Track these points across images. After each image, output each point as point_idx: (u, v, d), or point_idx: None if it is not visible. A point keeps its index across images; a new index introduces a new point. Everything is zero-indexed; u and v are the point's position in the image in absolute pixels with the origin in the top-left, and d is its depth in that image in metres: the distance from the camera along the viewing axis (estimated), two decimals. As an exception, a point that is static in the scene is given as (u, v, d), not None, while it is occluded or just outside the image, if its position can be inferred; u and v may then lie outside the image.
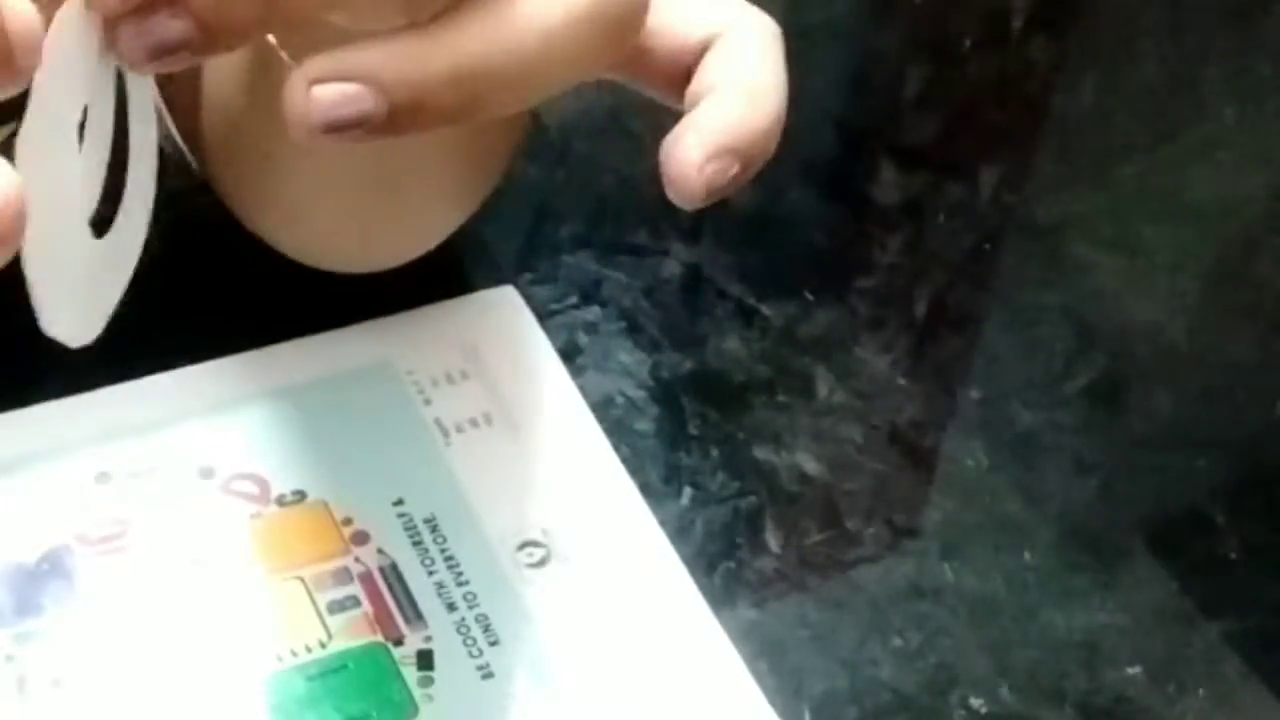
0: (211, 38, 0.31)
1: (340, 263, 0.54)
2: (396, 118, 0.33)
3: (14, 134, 0.44)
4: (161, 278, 0.59)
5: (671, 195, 0.39)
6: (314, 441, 0.53)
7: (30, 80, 0.30)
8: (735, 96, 0.40)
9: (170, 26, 0.31)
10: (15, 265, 0.32)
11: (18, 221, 0.30)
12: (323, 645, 0.48)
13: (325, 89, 0.32)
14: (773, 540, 0.55)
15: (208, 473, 0.52)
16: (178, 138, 0.76)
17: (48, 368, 0.53)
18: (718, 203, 0.40)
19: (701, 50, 0.42)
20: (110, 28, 0.31)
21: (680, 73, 0.43)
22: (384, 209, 0.50)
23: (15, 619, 0.48)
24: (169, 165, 0.75)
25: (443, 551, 0.51)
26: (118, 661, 0.48)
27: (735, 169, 0.39)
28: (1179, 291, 0.66)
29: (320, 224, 0.52)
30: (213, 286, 0.58)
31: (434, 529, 0.51)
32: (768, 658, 0.51)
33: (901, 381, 0.60)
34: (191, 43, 0.31)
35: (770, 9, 0.45)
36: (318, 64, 0.32)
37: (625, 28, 0.35)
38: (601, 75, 0.39)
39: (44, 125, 0.31)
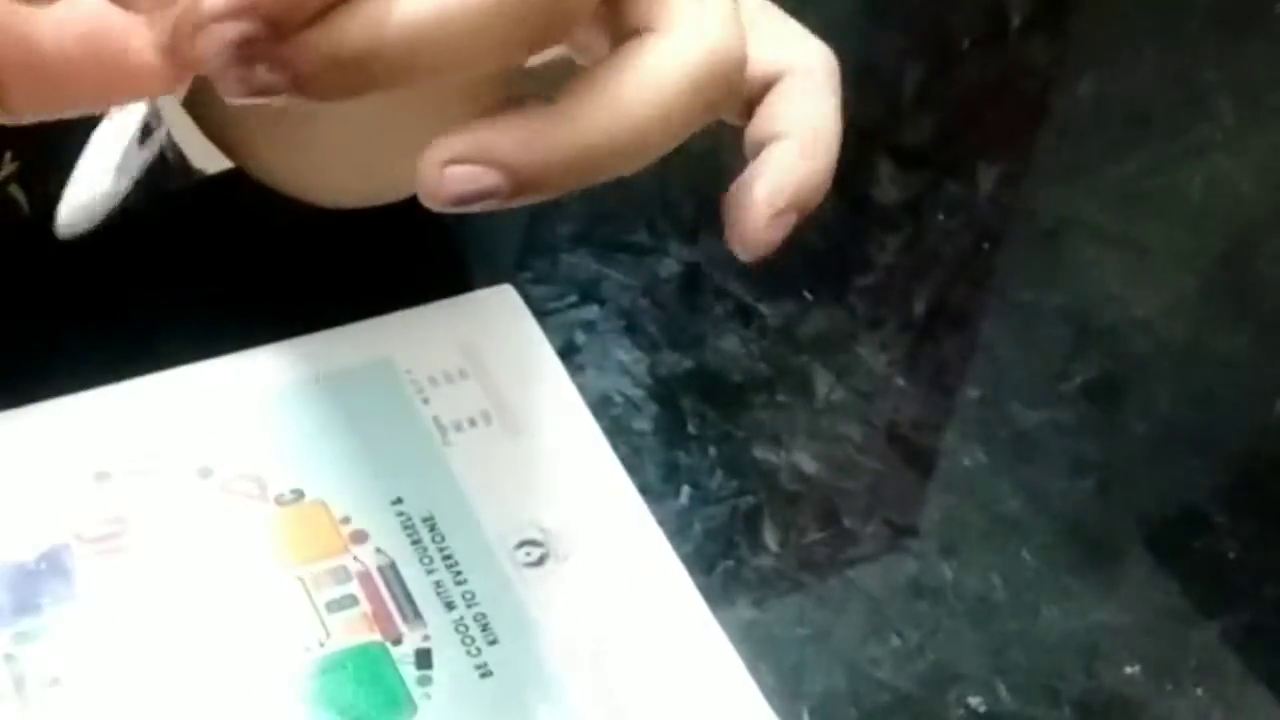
0: (308, 93, 0.33)
1: (340, 198, 0.54)
2: (520, 191, 0.34)
3: None
4: (161, 277, 0.59)
5: (736, 246, 0.39)
6: (312, 440, 0.53)
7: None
8: (800, 148, 0.40)
9: (269, 81, 0.33)
10: (14, 266, 0.32)
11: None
12: (321, 644, 0.48)
13: (458, 171, 0.34)
14: (771, 539, 0.55)
15: (206, 472, 0.52)
16: (175, 136, 0.76)
17: (46, 367, 0.53)
18: (716, 201, 0.41)
19: (765, 86, 0.42)
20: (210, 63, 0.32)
21: (743, 106, 0.43)
22: (390, 145, 0.50)
23: (14, 618, 0.48)
24: (169, 166, 0.75)
25: (441, 550, 0.51)
26: (116, 661, 0.48)
27: (795, 219, 0.40)
28: (1178, 291, 0.66)
29: (323, 157, 0.52)
30: (211, 286, 0.58)
31: (432, 528, 0.51)
32: (766, 657, 0.51)
33: (900, 381, 0.60)
34: (286, 90, 0.33)
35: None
36: (451, 145, 0.34)
37: (733, 86, 0.36)
38: None
39: None
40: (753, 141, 0.41)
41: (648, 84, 0.35)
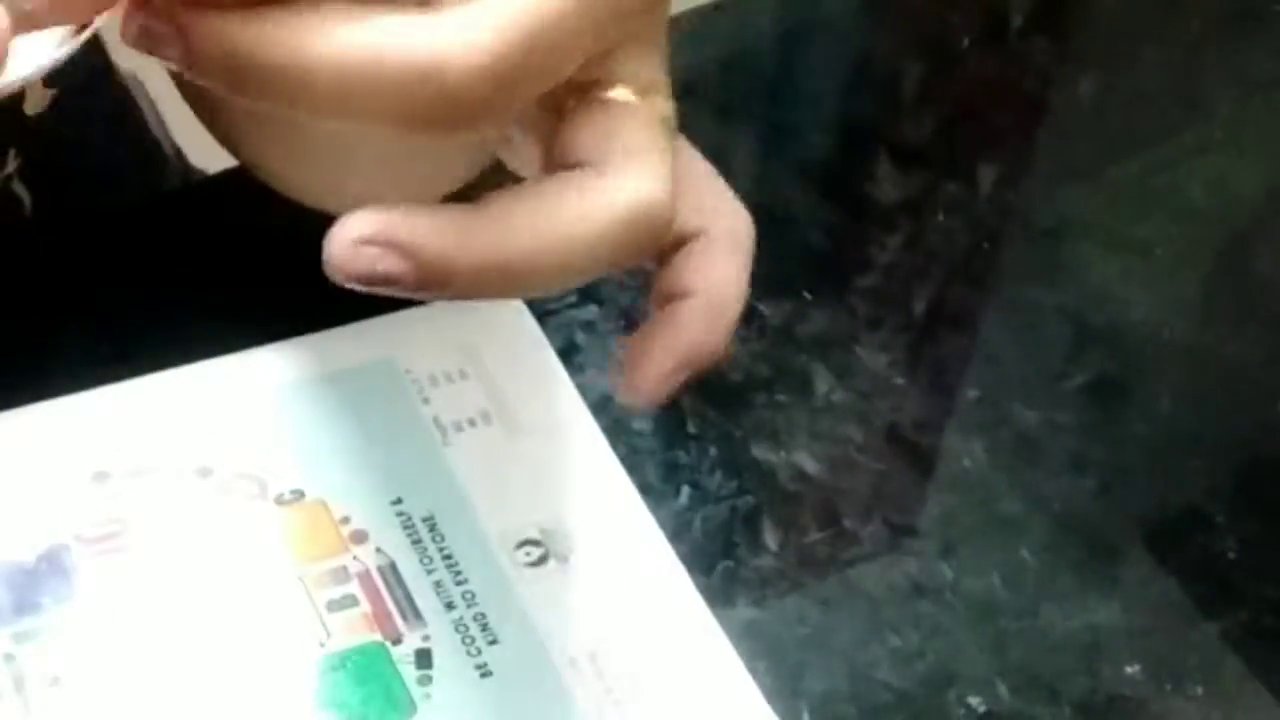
0: (194, 71, 0.34)
1: (345, 207, 0.54)
2: (424, 285, 0.35)
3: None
4: (160, 277, 0.59)
5: (626, 395, 0.40)
6: (312, 440, 0.53)
7: None
8: (705, 311, 0.41)
9: (160, 35, 0.34)
10: (14, 264, 0.32)
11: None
12: (321, 644, 0.48)
13: (367, 251, 0.34)
14: (771, 539, 0.55)
15: (206, 472, 0.52)
16: (175, 136, 0.76)
17: (45, 366, 0.53)
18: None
19: (681, 241, 0.42)
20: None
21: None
22: (397, 160, 0.50)
23: (14, 618, 0.48)
24: (168, 167, 0.75)
25: (441, 550, 0.51)
26: (116, 661, 0.48)
27: (686, 378, 0.40)
28: (1177, 290, 0.66)
29: (331, 166, 0.53)
30: (211, 286, 0.58)
31: (432, 528, 0.51)
32: (766, 656, 0.51)
33: (900, 380, 0.60)
34: (175, 59, 0.34)
35: (768, 7, 0.45)
36: (366, 222, 0.35)
37: (657, 239, 0.37)
38: None
39: None
40: (660, 293, 0.41)
41: (577, 216, 0.36)
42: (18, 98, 0.55)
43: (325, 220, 0.35)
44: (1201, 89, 0.74)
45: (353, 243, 0.34)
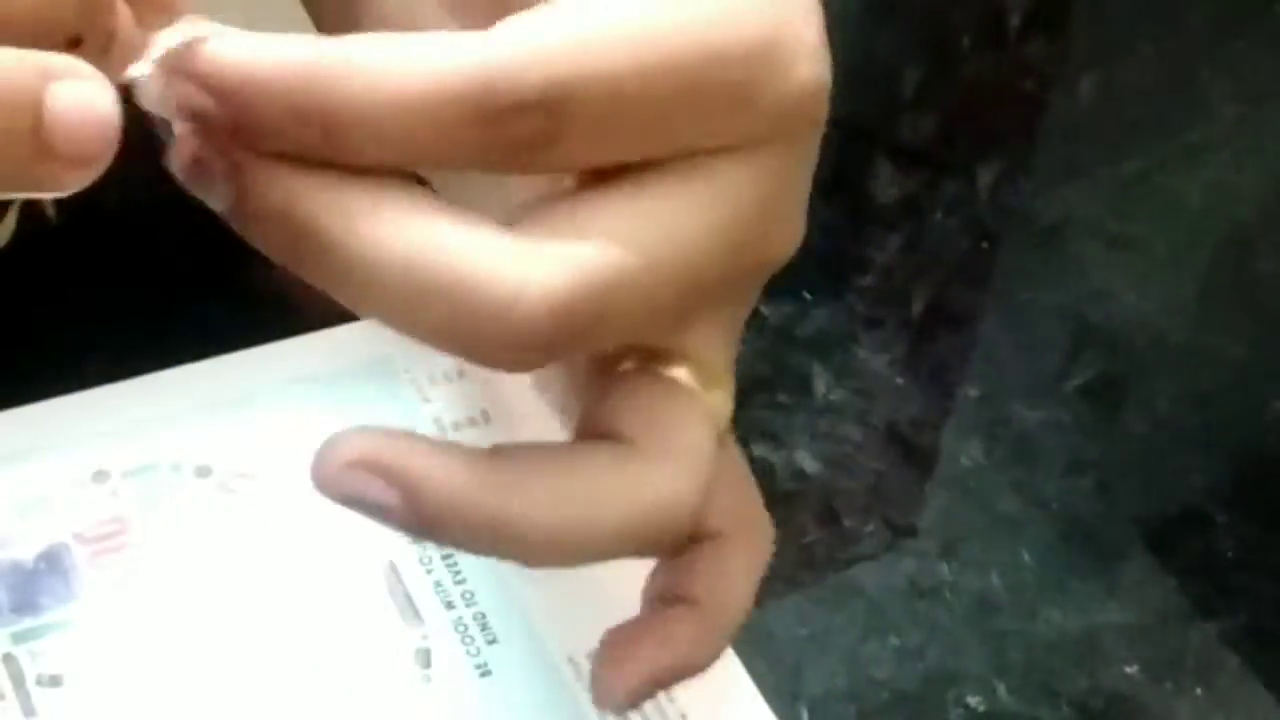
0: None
1: None
2: (411, 525, 0.31)
3: None
4: (159, 277, 0.59)
5: (594, 697, 0.36)
6: (312, 440, 0.53)
7: None
8: (702, 625, 0.37)
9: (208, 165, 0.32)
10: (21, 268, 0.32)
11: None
12: (321, 644, 0.48)
13: (358, 475, 0.31)
14: (770, 539, 0.55)
15: (205, 471, 0.51)
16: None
17: (44, 366, 0.53)
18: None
19: (697, 537, 0.38)
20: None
21: None
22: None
23: (13, 617, 0.48)
24: (169, 166, 0.74)
25: (440, 550, 0.51)
26: (116, 660, 0.48)
27: (667, 686, 0.36)
28: (1177, 290, 0.66)
29: None
30: (211, 285, 0.58)
31: (432, 527, 0.51)
32: (765, 656, 0.51)
33: (899, 380, 0.60)
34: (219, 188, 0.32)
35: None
36: (362, 444, 0.31)
37: (677, 539, 0.34)
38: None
39: None
40: (658, 588, 0.37)
41: (603, 497, 0.32)
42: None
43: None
44: (1201, 89, 0.74)
45: (343, 462, 0.31)
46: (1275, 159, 0.73)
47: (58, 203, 0.64)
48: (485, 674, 0.48)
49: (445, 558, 0.51)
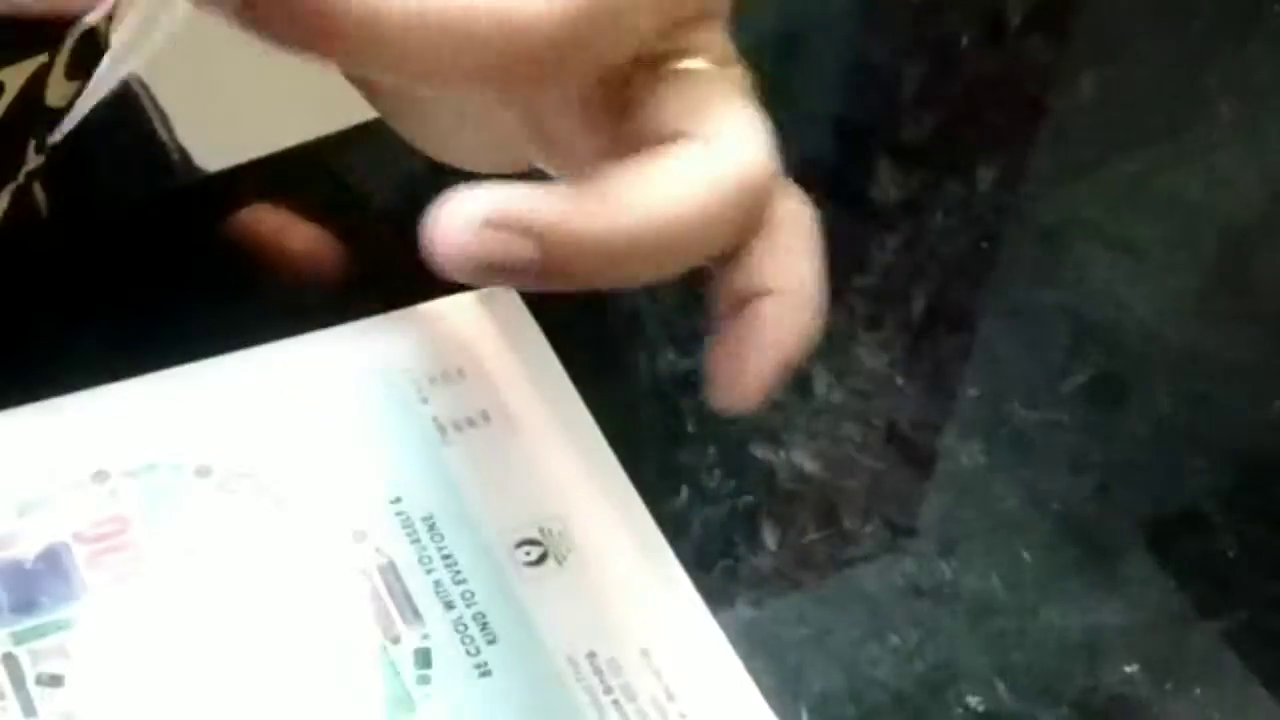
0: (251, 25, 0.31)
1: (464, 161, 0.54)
2: (546, 275, 0.32)
3: (41, 67, 0.44)
4: (159, 276, 0.59)
5: (732, 401, 0.38)
6: (311, 439, 0.53)
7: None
8: (793, 305, 0.39)
9: None
10: (21, 266, 0.32)
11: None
12: (320, 644, 0.48)
13: (498, 235, 0.31)
14: (770, 539, 0.55)
15: (205, 471, 0.52)
16: (178, 135, 0.76)
17: (44, 366, 0.53)
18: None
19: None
20: None
21: None
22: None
23: (12, 617, 0.48)
24: (170, 165, 0.75)
25: (440, 550, 0.51)
26: (115, 660, 0.48)
27: (786, 374, 0.38)
28: (1177, 290, 0.67)
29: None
30: (211, 285, 0.58)
31: (431, 527, 0.51)
32: (765, 656, 0.51)
33: (899, 380, 0.61)
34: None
35: (767, 6, 0.45)
36: (489, 200, 0.31)
37: (765, 204, 0.35)
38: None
39: None
40: (733, 294, 0.39)
41: (696, 190, 0.33)
42: (41, 87, 0.55)
43: (325, 221, 0.35)
44: (1202, 89, 0.74)
45: (482, 225, 0.31)
46: (1275, 159, 0.73)
47: (48, 195, 0.64)
48: (485, 674, 0.48)
49: (445, 558, 0.51)
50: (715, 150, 0.34)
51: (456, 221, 0.31)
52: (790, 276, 0.39)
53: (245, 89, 1.15)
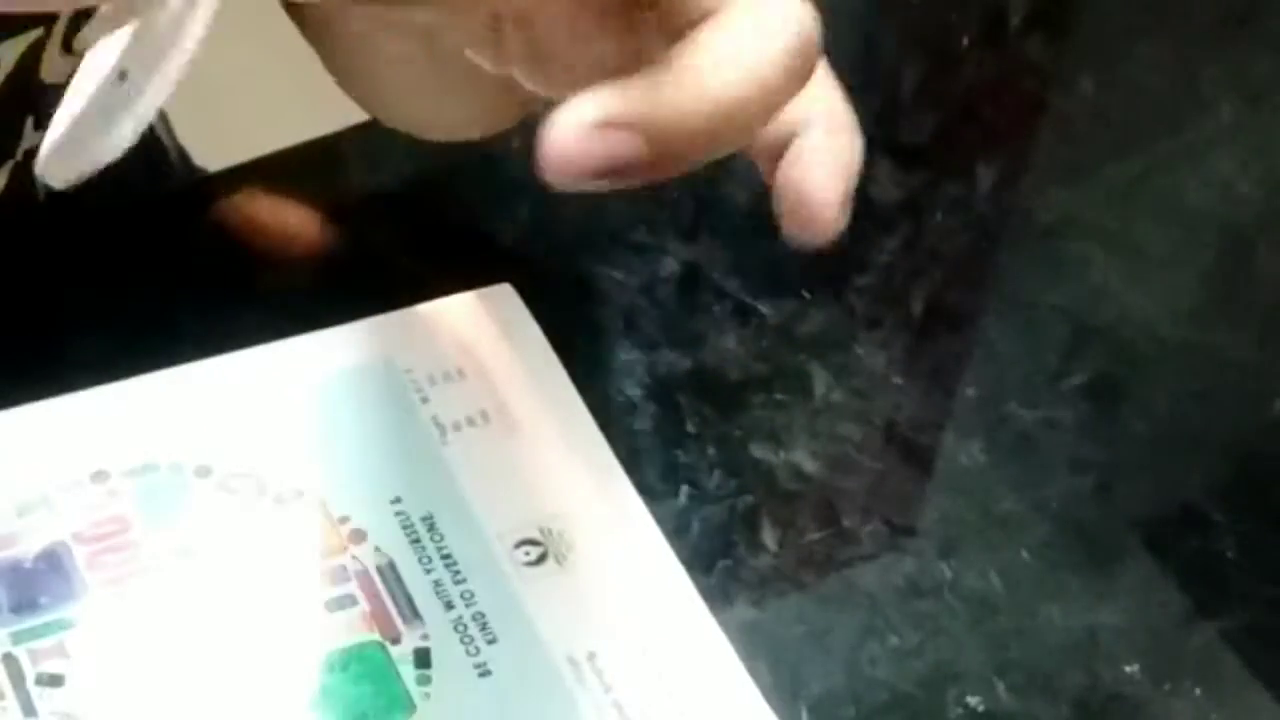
0: None
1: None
2: (655, 165, 0.33)
3: (36, 41, 0.43)
4: (159, 276, 0.59)
5: (812, 235, 0.38)
6: (311, 439, 0.53)
7: None
8: (830, 129, 0.39)
9: None
10: (16, 258, 0.32)
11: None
12: (320, 644, 0.48)
13: (608, 135, 0.32)
14: (770, 539, 0.55)
15: (204, 471, 0.52)
16: (178, 135, 0.76)
17: (44, 365, 0.53)
18: (715, 200, 0.40)
19: None
20: None
21: None
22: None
23: (12, 617, 0.48)
24: (170, 165, 0.75)
25: (440, 550, 0.51)
26: (115, 660, 0.48)
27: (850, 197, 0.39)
28: (1177, 290, 0.66)
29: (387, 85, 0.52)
30: (211, 285, 0.58)
31: (431, 527, 0.51)
32: (765, 656, 0.51)
33: (899, 380, 0.60)
34: None
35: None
36: (595, 104, 0.32)
37: (816, 53, 0.36)
38: None
39: None
40: (770, 144, 0.39)
41: (759, 49, 0.34)
42: (36, 62, 0.55)
43: (324, 221, 0.35)
44: (1201, 89, 0.74)
45: (592, 127, 0.31)
46: (1275, 159, 0.73)
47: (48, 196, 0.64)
48: (485, 674, 0.48)
49: (445, 558, 0.51)
50: (760, 10, 0.35)
51: (569, 132, 0.32)
52: (817, 106, 0.39)
53: (245, 89, 1.15)
